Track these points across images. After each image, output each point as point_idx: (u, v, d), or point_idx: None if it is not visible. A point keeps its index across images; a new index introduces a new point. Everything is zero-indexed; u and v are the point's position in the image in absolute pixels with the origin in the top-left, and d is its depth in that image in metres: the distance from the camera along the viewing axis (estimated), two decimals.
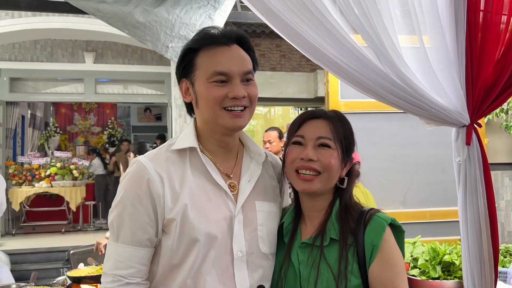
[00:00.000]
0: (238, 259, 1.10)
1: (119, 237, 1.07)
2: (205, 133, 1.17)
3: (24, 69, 6.97)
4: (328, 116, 1.22)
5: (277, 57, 6.94)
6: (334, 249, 1.13)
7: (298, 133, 1.22)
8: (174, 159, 1.13)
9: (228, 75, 1.11)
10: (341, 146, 1.19)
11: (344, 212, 1.18)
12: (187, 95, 1.17)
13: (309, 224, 1.22)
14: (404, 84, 1.36)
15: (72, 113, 10.46)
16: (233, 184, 1.17)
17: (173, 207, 1.07)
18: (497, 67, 1.43)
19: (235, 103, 1.10)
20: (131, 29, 2.27)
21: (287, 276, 1.17)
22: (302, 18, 1.30)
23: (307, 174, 1.17)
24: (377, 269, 1.10)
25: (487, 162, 1.49)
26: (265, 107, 9.04)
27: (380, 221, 1.14)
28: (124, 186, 1.10)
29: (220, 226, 1.09)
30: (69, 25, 6.17)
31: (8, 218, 7.23)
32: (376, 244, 1.11)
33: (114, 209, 1.10)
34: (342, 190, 1.22)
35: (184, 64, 1.16)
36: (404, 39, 1.43)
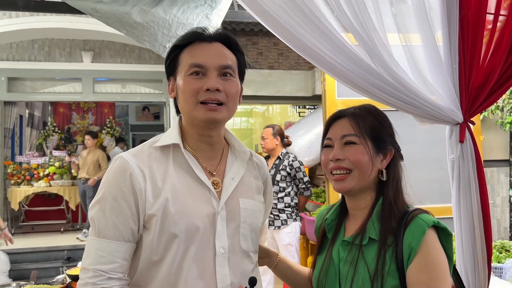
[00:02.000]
0: (220, 255, 1.10)
1: (101, 231, 1.07)
2: (188, 130, 1.18)
3: (21, 69, 6.96)
4: (350, 113, 1.22)
5: (275, 56, 6.95)
6: (373, 249, 1.12)
7: (326, 136, 1.25)
8: (157, 156, 1.13)
9: (203, 67, 1.12)
10: (370, 139, 1.17)
11: (387, 211, 1.14)
12: (172, 92, 1.20)
13: (353, 222, 1.22)
14: (396, 83, 1.37)
15: (70, 112, 10.45)
16: (217, 181, 1.17)
17: (154, 203, 1.07)
18: (488, 65, 1.45)
19: (209, 96, 1.10)
20: (129, 29, 2.28)
21: (328, 273, 1.19)
22: (295, 19, 1.31)
23: (338, 174, 1.18)
24: (415, 272, 1.07)
25: (480, 159, 1.51)
26: (263, 105, 9.05)
27: (421, 223, 1.10)
28: (107, 181, 1.10)
29: (202, 222, 1.09)
30: (67, 24, 6.17)
31: (7, 218, 7.24)
32: (414, 247, 1.07)
33: (95, 204, 1.09)
34: (384, 184, 1.19)
35: (169, 62, 1.19)
36: (395, 37, 1.44)
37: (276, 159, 4.04)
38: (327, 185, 3.16)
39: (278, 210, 3.94)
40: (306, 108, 8.31)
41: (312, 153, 5.22)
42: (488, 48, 1.44)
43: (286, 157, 4.03)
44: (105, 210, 1.07)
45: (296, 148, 5.16)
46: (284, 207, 3.96)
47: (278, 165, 4.00)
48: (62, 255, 5.86)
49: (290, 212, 3.97)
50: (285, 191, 3.97)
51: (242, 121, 9.88)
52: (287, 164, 3.99)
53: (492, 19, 1.43)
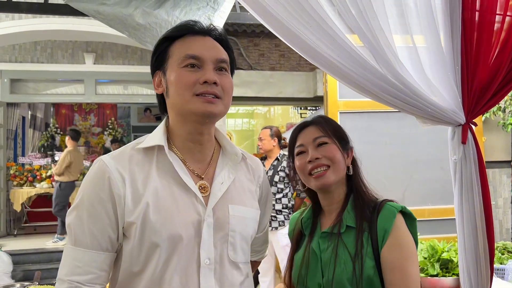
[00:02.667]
0: (205, 267, 1.02)
1: (77, 240, 0.99)
2: (176, 129, 1.10)
3: (24, 70, 6.99)
4: (314, 121, 1.36)
5: (277, 57, 6.96)
6: (351, 234, 1.23)
7: (297, 144, 1.35)
8: (139, 158, 1.05)
9: (200, 59, 1.05)
10: (337, 139, 1.32)
11: (360, 201, 1.28)
12: (159, 87, 1.11)
13: (327, 217, 1.33)
14: (400, 84, 1.38)
15: (73, 113, 10.48)
16: (204, 185, 1.08)
17: (133, 210, 0.99)
18: (492, 67, 1.45)
19: (206, 89, 1.03)
20: (131, 31, 2.29)
21: (309, 266, 1.26)
22: (299, 19, 1.32)
23: (318, 171, 1.28)
24: (387, 252, 1.19)
25: (482, 160, 1.51)
26: (265, 107, 9.06)
27: (391, 208, 1.23)
28: (85, 186, 1.03)
29: (186, 230, 1.01)
30: (69, 26, 6.19)
31: (10, 219, 7.26)
32: (387, 229, 1.20)
33: (73, 211, 1.02)
34: (351, 178, 1.34)
35: (158, 55, 1.11)
36: (399, 39, 1.45)
37: (274, 160, 4.06)
38: None
39: (276, 212, 3.95)
40: (308, 109, 8.31)
41: None
42: (494, 49, 1.44)
43: (284, 158, 4.05)
44: (82, 217, 1.00)
45: None
46: (281, 208, 3.97)
47: (276, 166, 4.02)
48: None
49: (288, 213, 3.99)
50: (282, 192, 3.99)
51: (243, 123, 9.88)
52: (286, 165, 4.01)
53: (497, 19, 1.43)
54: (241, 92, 6.58)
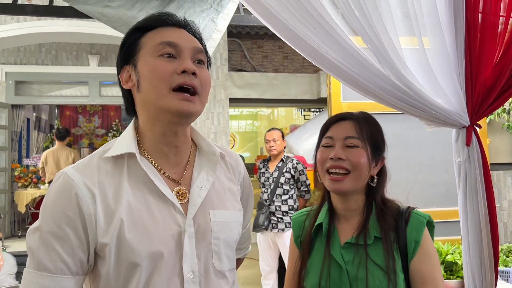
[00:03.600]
0: (189, 280, 0.93)
1: (42, 264, 0.88)
2: (148, 131, 0.98)
3: (29, 72, 7.03)
4: (354, 116, 1.25)
5: (280, 59, 6.96)
6: (379, 247, 1.17)
7: (326, 135, 1.25)
8: (108, 169, 0.94)
9: (177, 47, 0.95)
10: (370, 145, 1.21)
11: (381, 211, 1.21)
12: (128, 82, 0.99)
13: (345, 224, 1.24)
14: (404, 86, 1.38)
15: (77, 115, 10.52)
16: (182, 191, 0.99)
17: (106, 229, 0.89)
18: (496, 69, 1.45)
19: (185, 79, 0.92)
20: None
21: (330, 276, 1.18)
22: (303, 22, 1.32)
23: (337, 174, 1.20)
24: (418, 263, 1.15)
25: (487, 162, 1.51)
26: (268, 109, 9.06)
27: (420, 218, 1.19)
28: (48, 204, 0.91)
29: (166, 245, 0.92)
30: (74, 28, 6.22)
31: (14, 220, 7.29)
32: (418, 240, 1.16)
33: (35, 232, 0.90)
34: (373, 189, 1.24)
35: (127, 47, 0.99)
36: (404, 40, 1.44)
37: (279, 161, 4.07)
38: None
39: (282, 213, 3.95)
40: (311, 111, 8.31)
41: None
42: (498, 50, 1.44)
43: (289, 160, 4.06)
44: (46, 239, 0.88)
45: (301, 151, 5.17)
46: (288, 210, 3.97)
47: (281, 167, 4.03)
48: None
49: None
50: (288, 194, 4.00)
51: (247, 124, 9.89)
52: (291, 166, 4.02)
53: (501, 21, 1.43)
54: (244, 94, 6.59)
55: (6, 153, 7.13)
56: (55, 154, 6.19)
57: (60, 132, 6.43)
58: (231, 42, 6.88)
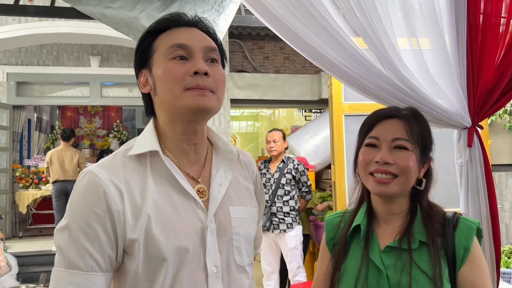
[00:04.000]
0: (213, 275, 0.96)
1: (72, 262, 0.89)
2: (168, 130, 1.01)
3: (30, 73, 7.04)
4: (403, 115, 1.14)
5: (281, 60, 6.97)
6: (424, 253, 1.09)
7: (371, 134, 1.14)
8: (133, 167, 0.96)
9: (188, 48, 0.96)
10: (419, 147, 1.12)
11: (427, 214, 1.13)
12: (145, 86, 1.01)
13: (386, 227, 1.16)
14: (405, 87, 1.38)
15: (78, 116, 10.53)
16: (202, 189, 1.01)
17: (135, 225, 0.91)
18: (497, 70, 1.45)
19: (197, 82, 0.93)
20: (137, 34, 2.30)
21: (368, 281, 1.10)
22: (304, 23, 1.32)
23: (383, 177, 1.11)
24: (467, 272, 1.07)
25: (488, 163, 1.51)
26: (269, 109, 9.07)
27: (469, 224, 1.11)
28: (76, 202, 0.92)
29: (190, 240, 0.94)
30: (75, 29, 6.23)
31: (15, 221, 7.29)
32: (468, 248, 1.08)
33: (63, 230, 0.91)
34: (420, 192, 1.15)
35: (141, 51, 1.01)
36: (404, 41, 1.44)
37: (280, 162, 4.06)
38: (334, 189, 3.15)
39: (284, 214, 3.95)
40: (312, 112, 8.31)
41: (318, 157, 5.22)
42: (499, 52, 1.44)
43: (290, 161, 4.06)
44: (76, 237, 0.89)
45: (302, 152, 5.16)
46: (289, 211, 3.97)
47: (282, 168, 4.03)
48: None
49: (295, 216, 3.99)
50: (289, 195, 4.00)
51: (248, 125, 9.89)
52: (292, 167, 4.02)
53: (502, 22, 1.43)
54: (245, 94, 6.59)
55: (8, 153, 7.14)
56: (59, 154, 6.19)
57: (65, 133, 6.42)
58: (232, 43, 6.89)
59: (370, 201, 1.19)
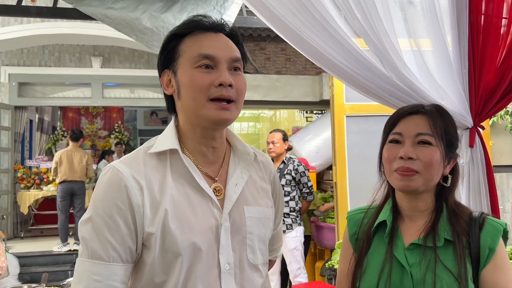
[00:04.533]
0: (226, 272, 0.99)
1: (95, 253, 0.93)
2: (188, 132, 1.04)
3: (32, 74, 7.06)
4: (427, 110, 1.13)
5: (283, 61, 6.97)
6: (449, 251, 1.07)
7: (394, 131, 1.14)
8: (153, 164, 1.00)
9: (214, 59, 0.98)
10: (443, 142, 1.10)
11: (453, 213, 1.12)
12: (168, 87, 1.04)
13: (411, 224, 1.14)
14: (406, 87, 1.38)
15: (79, 117, 10.55)
16: (219, 188, 1.05)
17: (153, 219, 0.95)
18: (499, 70, 1.45)
19: (221, 92, 0.97)
20: (139, 35, 2.31)
21: (391, 278, 1.09)
22: (306, 24, 1.33)
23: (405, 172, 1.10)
24: (491, 272, 1.06)
25: (490, 164, 1.51)
26: (271, 110, 9.07)
27: (496, 225, 1.09)
28: (99, 196, 0.97)
29: (205, 236, 0.98)
30: (77, 30, 6.25)
31: (17, 222, 7.31)
32: (493, 248, 1.06)
33: (87, 222, 0.96)
34: (446, 189, 1.14)
35: (166, 52, 1.04)
36: (406, 42, 1.45)
37: (281, 163, 4.05)
38: (336, 190, 3.15)
39: (284, 215, 3.94)
40: (314, 113, 8.31)
41: (319, 157, 5.22)
42: (500, 52, 1.44)
43: (290, 162, 4.04)
44: (98, 229, 0.94)
45: (303, 153, 5.16)
46: (289, 212, 3.97)
47: (283, 169, 4.02)
48: (70, 258, 5.90)
49: (295, 217, 3.99)
50: (290, 195, 3.99)
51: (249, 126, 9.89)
52: (292, 168, 4.01)
53: (504, 23, 1.43)
54: (247, 96, 6.55)
55: (9, 154, 7.16)
56: (69, 154, 6.17)
57: (75, 133, 6.39)
58: None
59: (395, 198, 1.18)
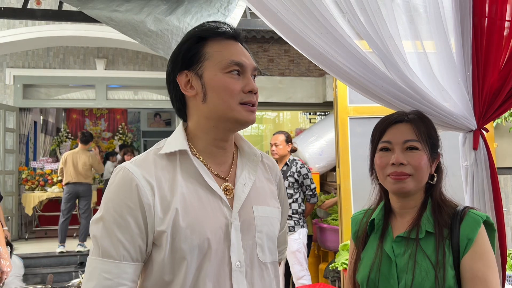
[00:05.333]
0: (237, 270, 1.01)
1: (105, 251, 0.95)
2: (200, 133, 1.07)
3: (37, 76, 7.10)
4: (411, 118, 1.25)
5: (286, 62, 6.98)
6: (430, 241, 1.18)
7: (383, 139, 1.25)
8: (163, 164, 1.03)
9: (243, 67, 1.04)
10: (428, 145, 1.23)
11: (438, 207, 1.22)
12: (188, 88, 1.06)
13: (400, 220, 1.26)
14: (410, 90, 1.38)
15: (83, 118, 10.60)
16: (229, 187, 1.08)
17: (163, 218, 0.97)
18: (502, 73, 1.45)
19: (250, 98, 1.04)
20: (143, 38, 2.32)
21: (381, 269, 1.21)
22: (309, 26, 1.33)
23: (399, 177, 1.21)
24: (469, 261, 1.14)
25: (494, 166, 1.51)
26: (274, 112, 9.07)
27: (475, 217, 1.18)
28: (110, 196, 0.99)
29: (215, 235, 1.00)
30: (81, 32, 6.28)
31: (21, 223, 7.34)
32: (471, 238, 1.15)
33: (98, 221, 0.98)
34: (432, 186, 1.26)
35: (188, 54, 1.06)
36: (409, 44, 1.45)
37: (284, 165, 4.04)
38: (339, 192, 3.15)
39: None
40: (317, 115, 8.30)
41: (323, 159, 5.21)
42: (504, 55, 1.44)
43: (293, 164, 4.03)
44: (109, 228, 0.96)
45: (307, 155, 5.16)
46: (292, 214, 3.96)
47: (286, 171, 4.00)
48: (75, 260, 5.92)
49: (298, 219, 3.97)
50: (292, 198, 3.97)
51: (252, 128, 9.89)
52: (295, 170, 3.99)
53: (507, 25, 1.43)
54: None
55: (14, 156, 7.20)
56: (74, 156, 6.21)
57: (85, 136, 6.43)
58: None
59: (387, 199, 1.31)
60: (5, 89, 7.03)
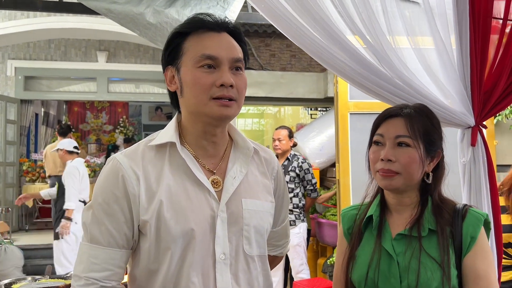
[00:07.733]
0: (221, 262, 1.03)
1: (93, 238, 1.00)
2: (189, 126, 1.08)
3: (38, 68, 7.10)
4: (405, 113, 1.19)
5: (288, 57, 6.95)
6: (433, 240, 1.15)
7: (377, 132, 1.22)
8: (151, 156, 1.05)
9: (216, 60, 1.02)
10: (422, 142, 1.17)
11: (437, 206, 1.19)
12: (172, 83, 1.08)
13: (398, 217, 1.22)
14: (406, 86, 1.38)
15: (85, 111, 10.60)
16: (217, 180, 1.08)
17: (148, 208, 1.00)
18: (496, 69, 1.44)
19: (223, 92, 1.01)
20: (142, 30, 2.32)
21: (379, 267, 1.17)
22: (306, 22, 1.33)
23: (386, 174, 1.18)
24: (472, 260, 1.13)
25: (492, 163, 1.50)
26: (275, 107, 9.06)
27: (477, 215, 1.17)
28: (99, 185, 1.04)
29: (200, 226, 1.01)
30: (83, 25, 6.27)
31: (22, 214, 7.37)
32: (474, 237, 1.14)
33: (88, 209, 1.03)
34: (429, 186, 1.21)
35: (171, 49, 1.07)
36: (407, 41, 1.44)
37: (285, 160, 4.05)
38: (339, 188, 3.15)
39: None
40: (318, 110, 8.29)
41: (323, 155, 5.21)
42: (496, 52, 1.44)
43: (295, 159, 4.04)
44: (98, 215, 1.01)
45: (307, 150, 5.15)
46: (292, 208, 3.97)
47: (287, 166, 4.01)
48: None
49: (298, 213, 3.99)
50: (293, 192, 3.99)
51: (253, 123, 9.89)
52: (296, 165, 4.00)
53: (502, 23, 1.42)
54: (251, 92, 6.59)
55: (15, 147, 7.21)
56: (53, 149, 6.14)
57: (62, 128, 6.19)
58: None
59: (383, 194, 1.26)
60: (7, 81, 7.04)
